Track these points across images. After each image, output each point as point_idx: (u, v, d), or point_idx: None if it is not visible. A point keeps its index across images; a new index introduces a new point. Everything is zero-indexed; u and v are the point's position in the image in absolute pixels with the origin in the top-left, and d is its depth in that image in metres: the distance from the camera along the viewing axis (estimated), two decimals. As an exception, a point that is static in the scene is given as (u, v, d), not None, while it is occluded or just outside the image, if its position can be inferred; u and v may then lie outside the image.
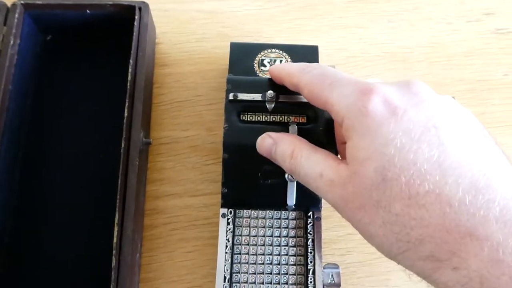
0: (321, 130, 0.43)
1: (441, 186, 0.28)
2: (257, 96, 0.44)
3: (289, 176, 0.42)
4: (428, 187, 0.28)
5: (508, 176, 0.29)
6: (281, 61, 0.49)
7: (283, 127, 0.43)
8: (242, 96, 0.44)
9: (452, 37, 0.57)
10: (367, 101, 0.31)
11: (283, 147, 0.38)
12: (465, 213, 0.27)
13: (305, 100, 0.44)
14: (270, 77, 0.46)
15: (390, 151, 0.29)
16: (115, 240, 0.40)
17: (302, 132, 0.43)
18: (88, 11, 0.51)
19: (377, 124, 0.31)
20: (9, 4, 0.49)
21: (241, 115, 0.44)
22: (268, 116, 0.44)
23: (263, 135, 0.40)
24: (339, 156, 0.42)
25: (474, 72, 0.55)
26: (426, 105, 0.31)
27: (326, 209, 0.47)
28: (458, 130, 0.30)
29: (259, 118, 0.44)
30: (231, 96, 0.44)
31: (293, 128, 0.43)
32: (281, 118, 0.44)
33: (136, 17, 0.49)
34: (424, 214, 0.28)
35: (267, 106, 0.44)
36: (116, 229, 0.41)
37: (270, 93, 0.44)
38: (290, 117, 0.44)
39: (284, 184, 0.43)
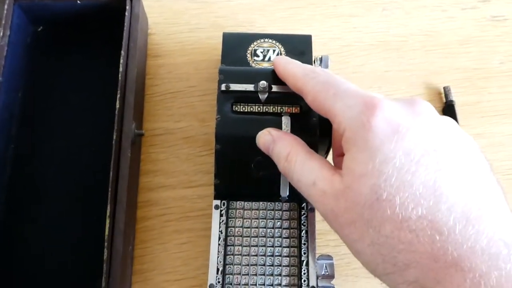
0: (314, 120, 0.43)
1: (434, 212, 0.28)
2: (250, 87, 0.44)
3: (282, 167, 0.42)
4: (421, 212, 0.28)
5: (499, 209, 0.29)
6: (274, 51, 0.49)
7: (276, 118, 0.43)
8: (235, 86, 0.44)
9: (448, 25, 0.56)
10: (371, 115, 0.31)
11: (280, 148, 0.37)
12: (454, 243, 0.27)
13: (298, 90, 0.44)
14: (262, 67, 0.46)
15: (388, 170, 0.29)
16: (106, 232, 0.40)
17: (295, 122, 0.43)
18: (78, 1, 0.50)
19: (379, 141, 0.30)
20: (-2, -5, 0.49)
21: (234, 106, 0.44)
22: (261, 107, 0.44)
23: (264, 130, 0.40)
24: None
25: (470, 60, 0.55)
26: (428, 127, 0.31)
27: (320, 199, 0.47)
28: (457, 156, 0.30)
29: (251, 109, 0.44)
30: (223, 87, 0.44)
31: (286, 119, 0.43)
32: (274, 109, 0.44)
33: (127, 7, 0.49)
34: (413, 239, 0.28)
35: (260, 96, 0.44)
36: (108, 221, 0.41)
37: (262, 83, 0.43)
38: (283, 108, 0.44)
39: (278, 175, 0.43)
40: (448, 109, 0.51)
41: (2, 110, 0.47)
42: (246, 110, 0.44)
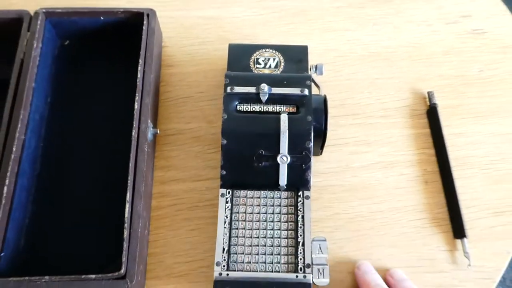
0: (309, 118, 0.49)
1: None
2: (252, 89, 0.50)
3: (281, 159, 0.48)
4: None
5: None
6: (274, 59, 0.55)
7: (275, 116, 0.49)
8: (239, 89, 0.50)
9: (432, 38, 0.62)
10: None
11: None
12: None
13: (295, 93, 0.50)
14: (263, 73, 0.52)
15: None
16: (126, 215, 0.46)
17: (292, 121, 0.49)
18: (101, 17, 0.57)
19: None
20: (31, 12, 0.55)
21: (238, 106, 0.50)
22: (262, 107, 0.50)
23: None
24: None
25: (452, 69, 0.60)
26: None
27: (315, 191, 0.53)
28: None
29: (254, 109, 0.50)
30: (228, 89, 0.50)
31: (284, 116, 0.49)
32: (273, 108, 0.50)
33: (145, 22, 0.55)
34: None
35: (261, 97, 0.50)
36: (127, 206, 0.46)
37: (263, 85, 0.49)
38: (282, 107, 0.50)
39: (276, 166, 0.48)
40: (432, 111, 0.57)
41: (34, 112, 0.53)
42: (249, 110, 0.50)
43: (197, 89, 0.59)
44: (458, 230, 0.51)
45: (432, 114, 0.57)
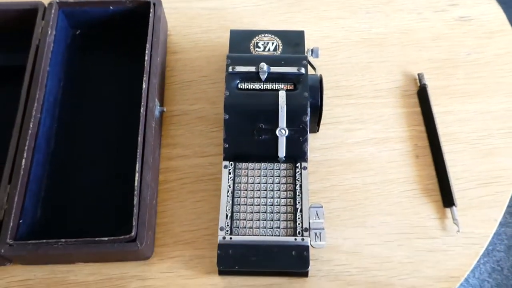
0: (305, 95, 0.52)
1: None
2: (252, 68, 0.54)
3: (279, 132, 0.51)
4: None
5: None
6: (273, 43, 0.58)
7: (274, 93, 0.53)
8: (240, 68, 0.54)
9: (422, 25, 0.66)
10: None
11: None
12: None
13: (292, 71, 0.53)
14: (263, 54, 0.56)
15: None
16: (136, 184, 0.49)
17: (290, 97, 0.52)
18: (111, 7, 0.61)
19: None
20: (46, 3, 0.59)
21: (239, 84, 0.54)
22: (262, 85, 0.54)
23: None
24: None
25: (441, 53, 0.64)
26: None
27: (313, 165, 0.56)
28: None
29: (254, 86, 0.54)
30: (230, 69, 0.54)
31: (282, 93, 0.52)
32: (272, 86, 0.54)
33: (151, 10, 0.59)
34: None
35: (261, 76, 0.53)
36: (136, 175, 0.49)
37: (262, 64, 0.53)
38: (280, 85, 0.54)
39: (275, 139, 0.52)
40: (422, 91, 0.60)
41: (48, 94, 0.56)
42: (249, 88, 0.54)
43: (200, 73, 0.62)
44: (447, 199, 0.54)
45: (422, 93, 0.60)
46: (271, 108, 0.52)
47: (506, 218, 1.19)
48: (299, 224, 0.49)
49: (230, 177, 0.52)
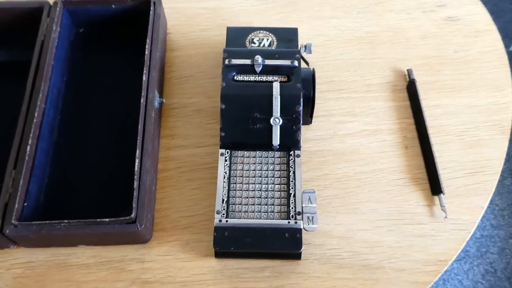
0: (298, 86, 0.55)
1: None
2: (247, 61, 0.56)
3: (274, 121, 0.54)
4: None
5: None
6: (268, 39, 0.61)
7: (268, 84, 0.55)
8: (236, 61, 0.56)
9: (411, 24, 0.69)
10: None
11: None
12: None
13: (286, 64, 0.56)
14: (258, 48, 0.58)
15: None
16: (136, 169, 0.51)
17: (283, 88, 0.55)
18: (113, 5, 0.63)
19: None
20: (51, 2, 0.62)
21: (235, 77, 0.56)
22: (257, 77, 0.56)
23: None
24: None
25: (429, 50, 0.67)
26: None
27: (306, 155, 0.59)
28: None
29: (249, 78, 0.56)
30: (226, 62, 0.56)
31: (276, 84, 0.55)
32: (267, 78, 0.56)
33: (152, 8, 0.62)
34: None
35: (256, 68, 0.56)
36: (136, 161, 0.52)
37: (257, 57, 0.56)
38: (274, 77, 0.56)
39: (270, 128, 0.54)
40: (411, 86, 0.63)
41: (53, 87, 0.59)
42: (245, 80, 0.56)
43: (198, 69, 0.65)
44: (435, 187, 0.56)
45: (411, 87, 0.63)
46: (266, 98, 0.54)
47: (499, 221, 1.20)
48: (292, 208, 0.52)
49: (226, 164, 0.54)
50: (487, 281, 1.13)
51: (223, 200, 0.52)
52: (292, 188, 0.53)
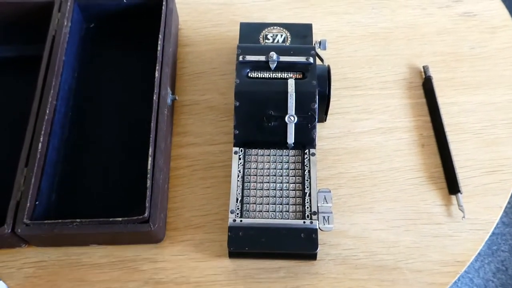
0: (314, 83, 0.54)
1: None
2: (262, 57, 0.55)
3: (288, 118, 0.53)
4: None
5: None
6: (282, 35, 0.60)
7: (283, 81, 0.54)
8: (250, 57, 0.55)
9: (426, 20, 0.68)
10: None
11: None
12: None
13: (301, 61, 0.55)
14: (272, 44, 0.57)
15: None
16: (149, 167, 0.50)
17: (299, 85, 0.54)
18: (124, 0, 0.62)
19: None
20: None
21: (249, 73, 0.55)
22: (271, 73, 0.55)
23: None
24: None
25: (445, 47, 0.65)
26: None
27: (320, 153, 0.58)
28: None
29: (263, 75, 0.55)
30: (240, 58, 0.55)
31: (291, 81, 0.54)
32: (281, 75, 0.55)
33: (164, 2, 0.61)
34: None
35: (270, 65, 0.55)
36: (149, 159, 0.51)
37: (272, 53, 0.55)
38: (289, 74, 0.55)
39: (285, 125, 0.53)
40: (427, 83, 0.62)
41: (64, 83, 0.58)
42: (259, 76, 0.55)
43: (210, 65, 0.64)
44: (453, 186, 0.55)
45: (427, 84, 0.61)
46: (281, 96, 0.53)
47: (511, 219, 1.19)
48: (307, 208, 0.51)
49: (240, 163, 0.53)
50: (498, 279, 1.12)
51: (237, 199, 0.51)
52: (307, 187, 0.52)
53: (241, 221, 0.50)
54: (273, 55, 0.55)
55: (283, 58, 0.55)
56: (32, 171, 0.50)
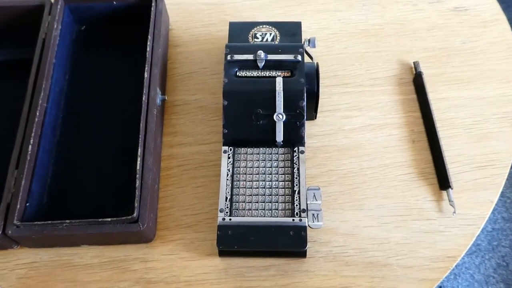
0: (302, 81, 0.54)
1: None
2: (250, 56, 0.55)
3: (277, 117, 0.53)
4: None
5: None
6: (271, 34, 0.60)
7: (271, 80, 0.54)
8: (238, 57, 0.55)
9: (417, 15, 0.68)
10: None
11: None
12: None
13: (289, 59, 0.55)
14: (260, 43, 0.57)
15: None
16: (138, 167, 0.51)
17: (287, 83, 0.54)
18: (114, 2, 0.63)
19: None
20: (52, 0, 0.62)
21: (237, 72, 0.55)
22: (259, 72, 0.55)
23: None
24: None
25: (436, 42, 0.65)
26: None
27: (310, 151, 0.58)
28: None
29: (252, 74, 0.55)
30: (228, 57, 0.55)
31: (279, 79, 0.54)
32: (270, 73, 0.55)
33: (153, 4, 0.61)
34: None
35: (258, 64, 0.55)
36: (138, 160, 0.51)
37: (260, 52, 0.55)
38: (277, 72, 0.55)
39: (273, 124, 0.53)
40: (417, 78, 0.61)
41: (54, 85, 0.58)
42: (247, 75, 0.55)
43: (201, 65, 0.64)
44: (443, 181, 0.55)
45: (418, 80, 0.61)
46: (269, 94, 0.53)
47: (511, 214, 1.19)
48: (296, 205, 0.51)
49: (230, 162, 0.53)
50: (499, 275, 1.12)
51: (226, 198, 0.51)
52: (296, 185, 0.52)
53: (230, 219, 0.50)
54: (261, 53, 0.55)
55: (271, 57, 0.55)
56: (22, 173, 0.50)
